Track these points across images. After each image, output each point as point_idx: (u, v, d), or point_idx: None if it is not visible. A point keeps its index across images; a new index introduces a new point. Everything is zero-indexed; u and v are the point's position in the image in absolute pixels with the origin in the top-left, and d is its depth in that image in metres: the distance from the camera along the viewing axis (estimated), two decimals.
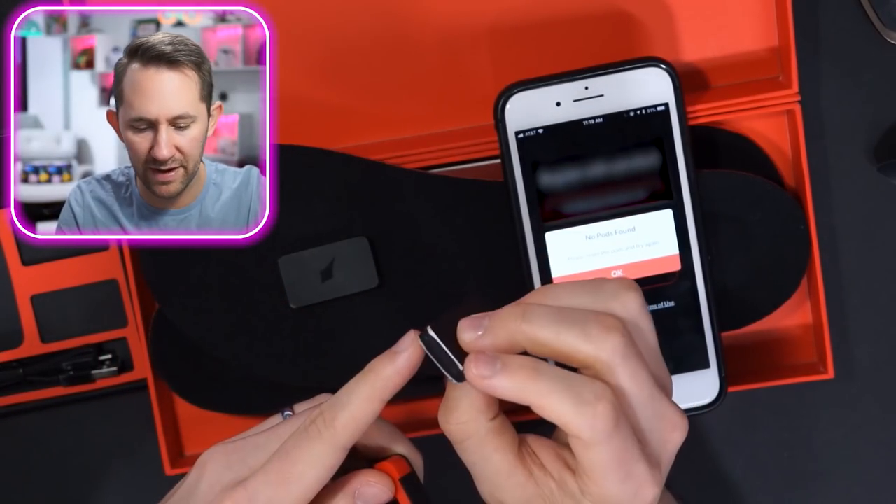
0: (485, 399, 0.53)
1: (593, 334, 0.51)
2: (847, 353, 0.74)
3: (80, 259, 0.74)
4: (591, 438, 0.50)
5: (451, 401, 0.53)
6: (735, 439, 0.75)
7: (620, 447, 0.51)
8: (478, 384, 0.51)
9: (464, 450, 0.54)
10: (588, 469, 0.51)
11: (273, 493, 0.52)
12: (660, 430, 0.53)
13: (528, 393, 0.50)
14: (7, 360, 0.75)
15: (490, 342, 0.52)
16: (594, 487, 0.52)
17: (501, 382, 0.50)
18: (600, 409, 0.50)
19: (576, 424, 0.50)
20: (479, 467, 0.54)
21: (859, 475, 0.75)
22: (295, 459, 0.52)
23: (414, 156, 0.70)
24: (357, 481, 0.54)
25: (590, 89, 0.66)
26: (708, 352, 0.68)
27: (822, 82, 0.72)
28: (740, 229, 0.69)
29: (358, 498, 0.54)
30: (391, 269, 0.68)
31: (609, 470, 0.51)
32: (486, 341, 0.52)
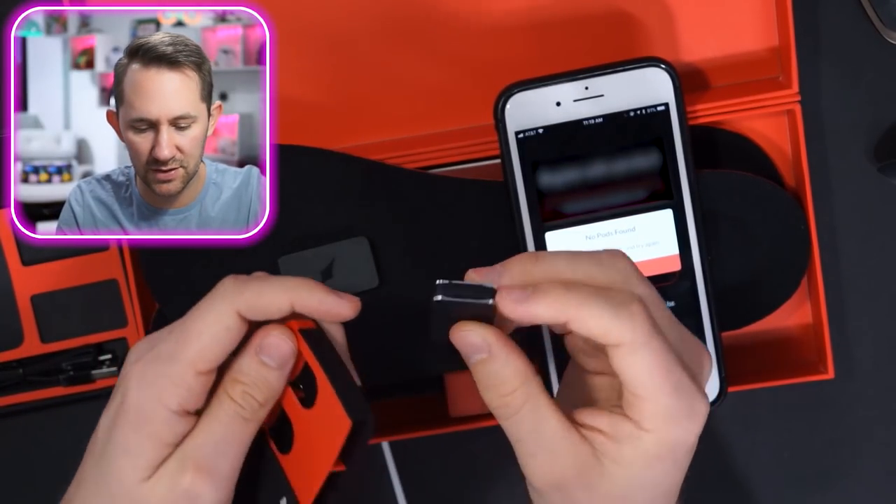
0: (525, 361, 0.52)
1: (606, 262, 0.52)
2: (847, 353, 0.74)
3: (80, 259, 0.74)
4: (634, 340, 0.50)
5: (490, 377, 0.52)
6: (735, 439, 0.75)
7: (663, 351, 0.51)
8: (513, 310, 0.51)
9: (518, 421, 0.52)
10: (638, 383, 0.51)
11: (173, 349, 0.53)
12: (691, 353, 0.53)
13: (566, 306, 0.50)
14: (7, 360, 0.75)
15: (508, 281, 0.52)
16: (649, 406, 0.51)
17: (538, 302, 0.51)
18: (636, 310, 0.51)
19: (617, 329, 0.50)
20: (534, 437, 0.52)
21: (859, 475, 0.75)
22: (196, 318, 0.53)
23: (414, 156, 0.70)
24: (258, 335, 0.54)
25: (590, 89, 0.66)
26: None
27: (822, 82, 0.72)
28: (740, 229, 0.69)
29: (259, 351, 0.54)
30: (391, 269, 0.68)
31: (658, 377, 0.51)
32: (504, 280, 0.52)
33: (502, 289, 0.51)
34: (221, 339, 0.53)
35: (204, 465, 0.53)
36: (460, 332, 0.52)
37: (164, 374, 0.53)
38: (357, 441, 0.51)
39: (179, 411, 0.53)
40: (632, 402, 0.52)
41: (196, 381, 0.53)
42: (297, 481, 0.54)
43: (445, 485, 0.77)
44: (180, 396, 0.53)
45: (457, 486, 0.76)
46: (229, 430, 0.54)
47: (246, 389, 0.54)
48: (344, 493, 0.54)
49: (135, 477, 0.53)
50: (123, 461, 0.54)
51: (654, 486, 0.53)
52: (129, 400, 0.53)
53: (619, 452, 0.52)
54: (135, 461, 0.53)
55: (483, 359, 0.52)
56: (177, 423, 0.53)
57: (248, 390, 0.54)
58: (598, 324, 0.51)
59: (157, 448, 0.53)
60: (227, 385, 0.54)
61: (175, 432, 0.53)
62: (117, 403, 0.54)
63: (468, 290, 0.51)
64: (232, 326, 0.53)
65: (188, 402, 0.53)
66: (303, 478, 0.54)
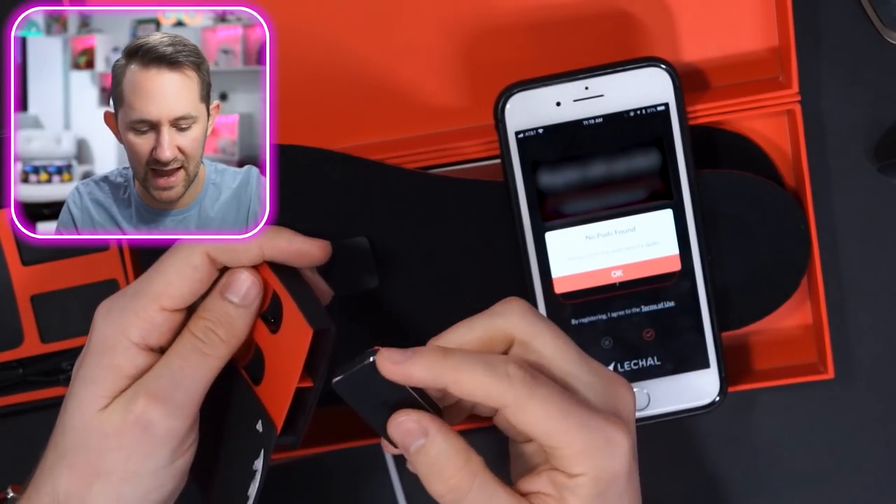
0: (463, 440, 0.53)
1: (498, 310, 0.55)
2: (847, 353, 0.74)
3: (80, 259, 0.74)
4: (517, 398, 0.51)
5: (433, 461, 0.53)
6: (735, 439, 0.75)
7: (552, 398, 0.52)
8: (391, 370, 0.52)
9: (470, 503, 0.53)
10: (542, 434, 0.52)
11: (138, 286, 0.55)
12: (603, 386, 0.54)
13: (443, 371, 0.51)
14: (7, 360, 0.75)
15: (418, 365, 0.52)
16: (566, 452, 0.52)
17: (415, 365, 0.52)
18: (512, 370, 0.52)
19: (496, 391, 0.51)
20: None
21: (859, 475, 0.75)
22: (163, 259, 0.55)
23: (414, 156, 0.70)
24: (224, 276, 0.56)
25: (590, 89, 0.66)
26: (708, 352, 0.68)
27: (822, 82, 0.72)
28: (740, 229, 0.69)
29: (223, 290, 0.56)
30: (391, 269, 0.68)
31: (557, 423, 0.51)
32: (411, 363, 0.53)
33: (382, 350, 0.52)
34: (187, 276, 0.54)
35: (157, 393, 0.54)
36: (395, 421, 0.53)
37: (128, 307, 0.55)
38: (320, 352, 0.52)
39: (141, 344, 0.54)
40: (552, 454, 0.53)
41: (160, 316, 0.54)
42: (271, 406, 0.55)
43: None
44: (142, 329, 0.54)
45: None
46: (187, 363, 0.55)
47: (208, 325, 0.55)
48: None
49: (93, 406, 0.55)
50: (83, 390, 0.55)
51: None
52: (94, 334, 0.55)
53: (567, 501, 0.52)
54: (94, 389, 0.55)
55: (422, 444, 0.52)
56: (137, 355, 0.54)
57: (210, 325, 0.55)
58: (475, 387, 0.52)
59: (116, 378, 0.55)
60: (191, 322, 0.56)
61: (135, 364, 0.54)
62: (87, 343, 0.56)
63: (355, 362, 0.52)
64: (199, 266, 0.54)
65: (150, 337, 0.54)
66: (274, 401, 0.55)
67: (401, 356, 0.52)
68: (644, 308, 0.68)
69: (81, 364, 0.56)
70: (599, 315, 0.68)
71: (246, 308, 0.56)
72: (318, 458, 0.74)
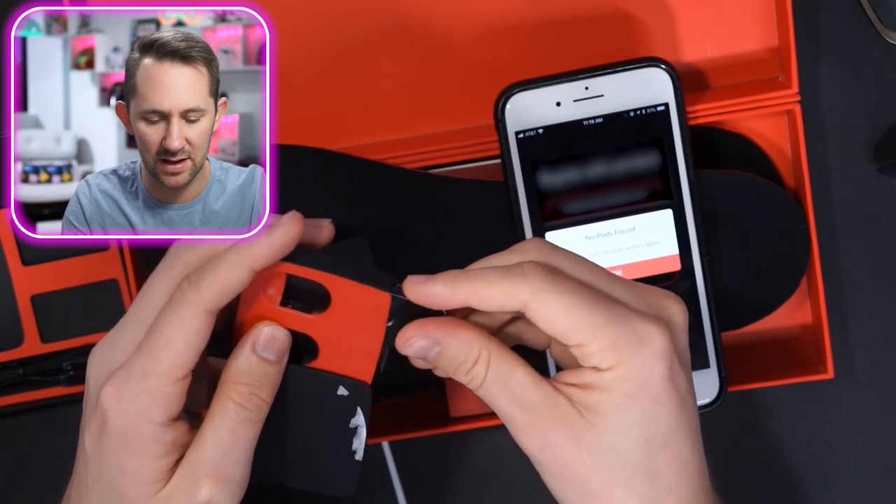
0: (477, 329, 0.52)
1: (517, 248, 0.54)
2: (847, 353, 0.74)
3: (80, 259, 0.74)
4: (534, 292, 0.50)
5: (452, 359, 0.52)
6: (735, 439, 0.75)
7: (572, 291, 0.50)
8: (414, 291, 0.52)
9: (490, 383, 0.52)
10: (564, 329, 0.50)
11: (146, 364, 0.52)
12: (643, 296, 0.52)
13: (459, 283, 0.51)
14: (7, 360, 0.75)
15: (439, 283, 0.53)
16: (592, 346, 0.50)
17: (436, 282, 0.52)
18: (528, 267, 0.51)
19: (513, 289, 0.51)
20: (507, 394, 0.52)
21: (859, 475, 0.75)
22: (161, 327, 0.52)
23: (414, 156, 0.70)
24: (251, 333, 0.54)
25: (590, 89, 0.66)
26: (708, 352, 0.68)
27: (822, 82, 0.72)
28: (740, 229, 0.69)
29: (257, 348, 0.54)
30: (391, 270, 0.68)
31: (580, 315, 0.50)
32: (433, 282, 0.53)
33: (409, 277, 0.53)
34: (193, 342, 0.52)
35: (219, 475, 0.52)
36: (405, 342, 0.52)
37: (141, 391, 0.52)
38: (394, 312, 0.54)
39: (165, 423, 0.52)
40: (580, 355, 0.51)
41: (175, 388, 0.52)
42: (348, 369, 0.55)
43: (445, 485, 0.77)
44: (163, 408, 0.52)
45: (457, 486, 0.76)
46: (238, 435, 0.53)
47: (251, 390, 0.53)
48: None
49: (141, 494, 0.53)
50: (125, 482, 0.53)
51: (640, 433, 0.51)
52: (110, 424, 0.52)
53: (591, 398, 0.51)
54: (136, 480, 0.53)
55: (438, 352, 0.52)
56: (164, 433, 0.52)
57: (254, 391, 0.53)
58: (493, 294, 0.51)
59: (153, 463, 0.52)
60: (227, 389, 0.53)
61: (165, 443, 0.52)
62: (98, 425, 0.53)
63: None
64: (202, 328, 0.52)
65: (171, 412, 0.52)
66: (351, 364, 0.55)
67: (423, 277, 0.52)
68: None
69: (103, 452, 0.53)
70: None
71: (281, 364, 0.54)
72: None
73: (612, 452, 0.51)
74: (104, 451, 0.53)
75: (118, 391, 0.52)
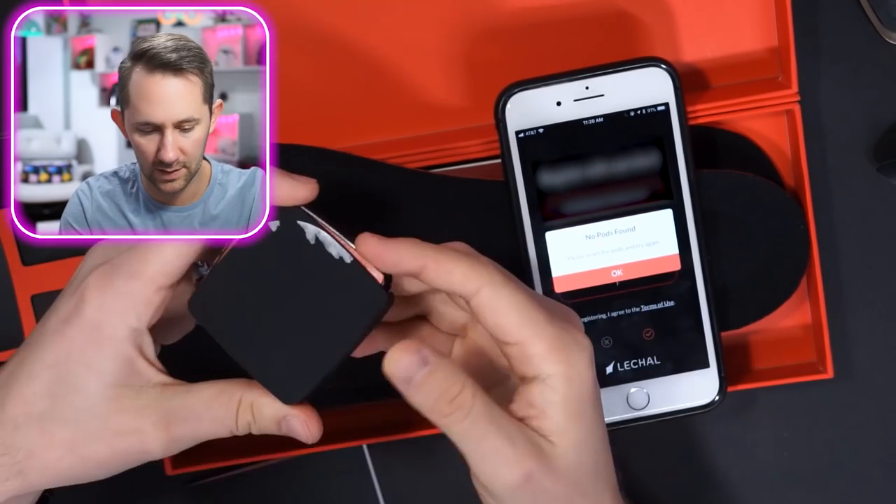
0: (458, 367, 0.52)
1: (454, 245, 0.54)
2: (847, 353, 0.74)
3: (80, 259, 0.73)
4: (493, 281, 0.51)
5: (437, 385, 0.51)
6: (735, 439, 0.75)
7: (524, 290, 0.52)
8: (373, 245, 0.53)
9: (474, 419, 0.51)
10: (520, 328, 0.51)
11: (134, 264, 0.53)
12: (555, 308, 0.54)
13: (426, 251, 0.52)
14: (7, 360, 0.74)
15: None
16: (539, 349, 0.51)
17: (399, 242, 0.52)
18: (487, 261, 0.52)
19: (474, 272, 0.51)
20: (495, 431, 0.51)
21: (859, 475, 0.75)
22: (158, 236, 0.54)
23: (414, 156, 0.70)
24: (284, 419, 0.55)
25: (590, 89, 0.66)
26: (708, 352, 0.68)
27: (822, 82, 0.72)
28: (740, 229, 0.69)
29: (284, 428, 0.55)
30: None
31: (532, 313, 0.51)
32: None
33: (363, 236, 0.53)
34: (183, 252, 0.53)
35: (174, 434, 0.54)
36: (393, 360, 0.51)
37: (125, 292, 0.53)
38: None
39: (140, 328, 0.53)
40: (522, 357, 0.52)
41: (157, 296, 0.53)
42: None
43: (424, 487, 0.76)
44: (141, 314, 0.53)
45: (437, 489, 0.76)
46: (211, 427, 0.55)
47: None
48: None
49: (101, 395, 0.53)
50: (87, 377, 0.54)
51: (592, 439, 0.52)
52: (87, 315, 0.53)
53: (545, 419, 0.51)
54: (100, 379, 0.53)
55: (428, 371, 0.51)
56: (137, 336, 0.53)
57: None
58: (455, 267, 0.52)
59: (121, 365, 0.53)
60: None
61: (136, 344, 0.54)
62: (70, 311, 0.54)
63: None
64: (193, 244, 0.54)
65: (148, 318, 0.53)
66: None
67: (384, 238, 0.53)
68: (644, 308, 0.68)
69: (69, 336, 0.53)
70: (599, 314, 0.68)
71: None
72: (298, 461, 0.74)
73: (577, 468, 0.52)
74: (70, 339, 0.54)
75: (102, 283, 0.54)
